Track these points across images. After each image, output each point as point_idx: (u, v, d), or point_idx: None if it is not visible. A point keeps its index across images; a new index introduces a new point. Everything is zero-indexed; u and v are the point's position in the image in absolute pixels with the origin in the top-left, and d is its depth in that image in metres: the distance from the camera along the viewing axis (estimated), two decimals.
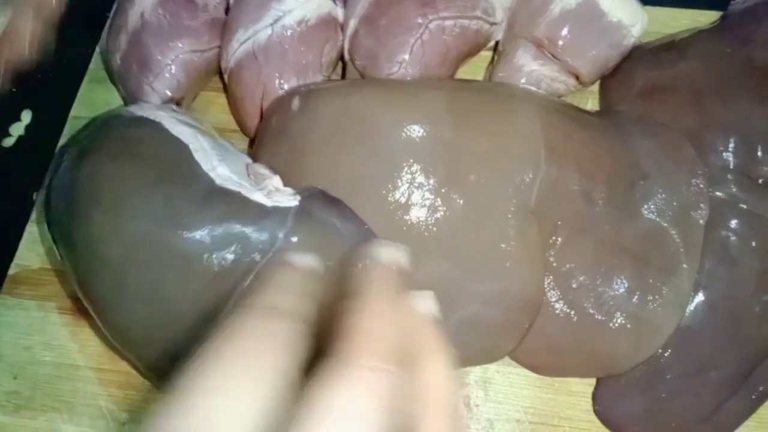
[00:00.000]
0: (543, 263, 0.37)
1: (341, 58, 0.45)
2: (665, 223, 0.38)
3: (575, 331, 0.37)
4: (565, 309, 0.37)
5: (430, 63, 0.42)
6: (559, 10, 0.42)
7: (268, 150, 0.40)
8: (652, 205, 0.38)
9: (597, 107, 0.46)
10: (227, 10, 0.47)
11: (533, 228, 0.37)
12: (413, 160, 0.36)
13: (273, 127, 0.41)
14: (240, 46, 0.43)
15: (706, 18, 0.48)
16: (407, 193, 0.36)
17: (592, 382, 0.39)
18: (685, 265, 0.37)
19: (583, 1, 0.41)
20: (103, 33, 0.49)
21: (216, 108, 0.48)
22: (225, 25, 0.45)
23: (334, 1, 0.44)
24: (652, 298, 0.37)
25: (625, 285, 0.37)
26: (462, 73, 0.46)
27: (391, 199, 0.36)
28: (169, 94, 0.44)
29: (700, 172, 0.39)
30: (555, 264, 0.37)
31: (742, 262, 0.37)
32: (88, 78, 0.51)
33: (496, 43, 0.46)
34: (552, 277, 0.37)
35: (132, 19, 0.45)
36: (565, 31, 0.42)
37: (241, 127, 0.46)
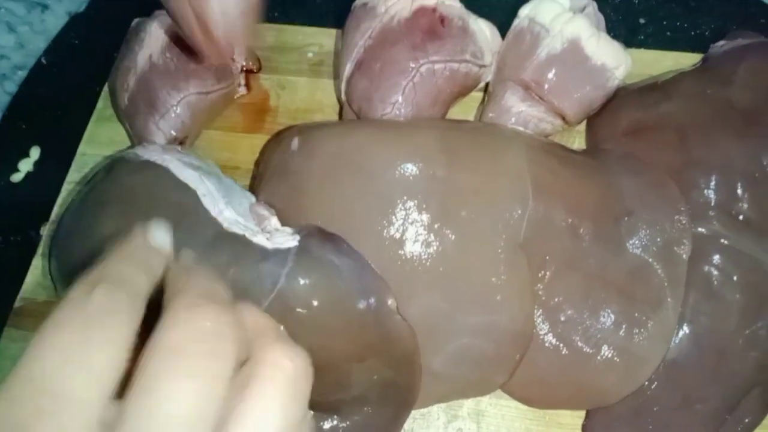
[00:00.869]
0: (532, 297, 0.38)
1: (338, 99, 0.47)
2: (650, 259, 0.39)
3: (564, 363, 0.38)
4: (555, 342, 0.38)
5: (422, 104, 0.44)
6: (545, 54, 0.44)
7: (269, 188, 0.42)
8: (637, 241, 0.40)
9: (584, 146, 0.47)
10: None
11: (522, 262, 0.38)
12: (407, 197, 0.38)
13: (273, 166, 0.42)
14: None
15: (688, 60, 0.50)
16: (401, 228, 0.38)
17: (582, 414, 0.40)
18: (669, 299, 0.38)
19: (568, 46, 0.44)
20: (110, 72, 0.51)
21: (218, 145, 0.50)
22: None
23: None
24: (638, 331, 0.38)
25: (612, 318, 0.38)
26: (454, 113, 0.48)
27: (386, 235, 0.38)
28: (174, 133, 0.46)
29: (683, 208, 0.40)
30: (544, 298, 0.38)
31: (724, 296, 0.38)
32: (95, 116, 0.53)
33: (487, 83, 0.48)
34: (541, 310, 0.38)
35: (140, 61, 0.47)
36: (551, 74, 0.44)
37: None
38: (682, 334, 0.38)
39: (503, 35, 0.47)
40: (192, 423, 0.17)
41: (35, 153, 0.53)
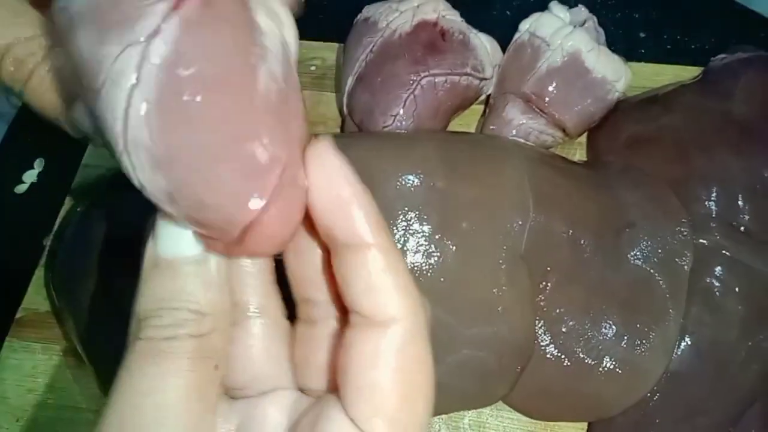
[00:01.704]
0: (534, 308, 0.38)
1: (340, 112, 0.48)
2: (651, 270, 0.39)
3: (566, 375, 0.38)
4: (556, 353, 0.38)
5: (422, 116, 0.44)
6: (546, 67, 0.44)
7: None
8: (639, 253, 0.40)
9: (585, 158, 0.48)
10: None
11: (524, 274, 0.38)
12: (407, 209, 0.38)
13: None
14: None
15: (688, 73, 0.50)
16: (402, 239, 0.38)
17: (584, 426, 0.39)
18: (671, 311, 0.38)
19: (569, 59, 0.44)
20: None
21: None
22: None
23: None
24: (639, 342, 0.37)
25: (614, 330, 0.38)
26: (455, 125, 0.48)
27: None
28: None
29: (684, 220, 0.40)
30: (545, 309, 0.38)
31: (726, 307, 0.38)
32: None
33: (488, 96, 0.48)
34: (543, 321, 0.38)
35: None
36: (551, 87, 0.44)
37: None
38: (683, 345, 0.38)
39: (504, 49, 0.47)
40: None
41: (39, 164, 0.53)
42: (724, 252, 0.39)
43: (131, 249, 0.21)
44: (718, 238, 0.40)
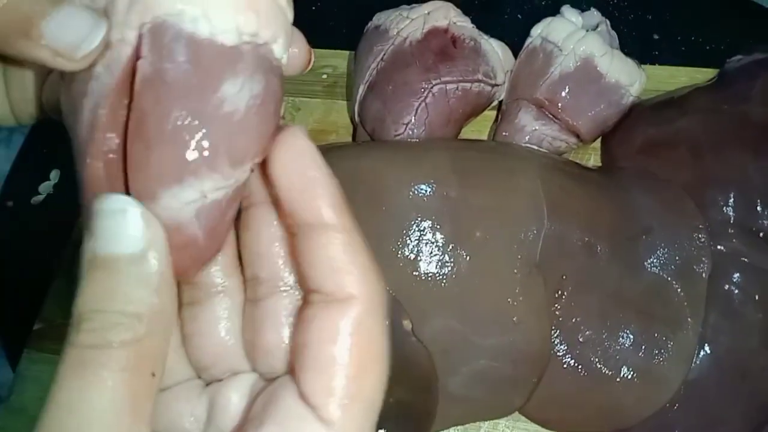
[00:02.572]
0: (549, 317, 0.38)
1: (352, 120, 0.48)
2: (669, 277, 0.39)
3: (583, 385, 0.37)
4: (573, 363, 0.38)
5: (434, 124, 0.44)
6: (558, 72, 0.44)
7: None
8: (655, 260, 0.39)
9: (599, 163, 0.47)
10: None
11: (539, 282, 0.38)
12: (420, 218, 0.38)
13: None
14: None
15: (703, 76, 0.49)
16: (415, 249, 0.38)
17: None
18: (689, 319, 0.38)
19: (582, 64, 0.44)
20: None
21: None
22: None
23: None
24: (658, 351, 0.37)
25: (631, 339, 0.37)
26: (467, 131, 0.48)
27: (400, 256, 0.38)
28: None
29: (701, 226, 0.40)
30: (561, 318, 0.38)
31: (745, 315, 0.37)
32: None
33: (500, 102, 0.48)
34: (559, 331, 0.38)
35: None
36: (564, 92, 0.44)
37: None
38: (702, 354, 0.37)
39: (515, 54, 0.47)
40: None
41: (55, 176, 0.54)
42: (743, 258, 0.39)
43: None
44: (736, 243, 0.39)
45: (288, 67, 0.20)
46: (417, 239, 0.38)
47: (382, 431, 0.36)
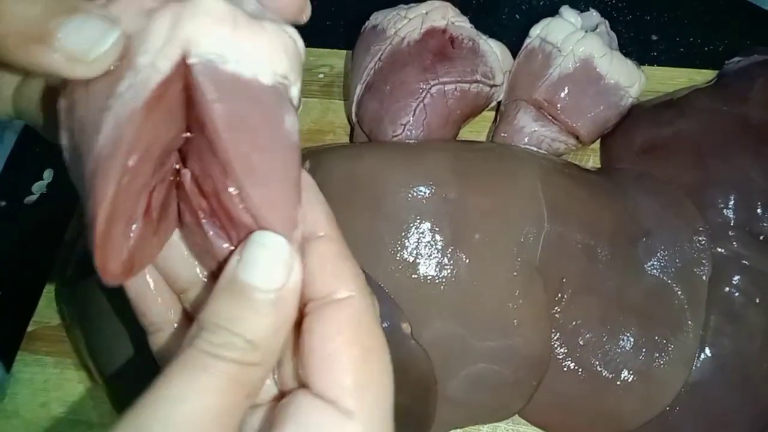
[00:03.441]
0: (549, 320, 0.37)
1: (349, 120, 0.47)
2: (669, 280, 0.38)
3: (583, 388, 0.37)
4: (573, 366, 0.37)
5: (432, 124, 0.43)
6: (557, 73, 0.43)
7: None
8: (656, 262, 0.39)
9: (598, 165, 0.47)
10: None
11: (539, 285, 0.37)
12: (419, 220, 0.38)
13: None
14: None
15: (703, 77, 0.49)
16: (414, 252, 0.37)
17: None
18: (690, 322, 0.37)
19: (581, 65, 0.43)
20: None
21: None
22: None
23: None
24: (658, 354, 0.37)
25: (632, 342, 0.37)
26: (465, 132, 0.48)
27: (399, 258, 0.37)
28: None
29: (701, 228, 0.39)
30: (561, 321, 0.38)
31: (746, 318, 0.37)
32: None
33: (498, 103, 0.48)
34: (559, 334, 0.38)
35: None
36: (563, 93, 0.43)
37: None
38: (703, 357, 0.37)
39: (514, 55, 0.47)
40: None
41: (48, 175, 0.53)
42: (744, 261, 0.38)
43: None
44: (737, 246, 0.39)
45: None
46: (416, 241, 0.37)
47: None
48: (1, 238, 0.52)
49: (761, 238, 0.39)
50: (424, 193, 0.38)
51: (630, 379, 0.37)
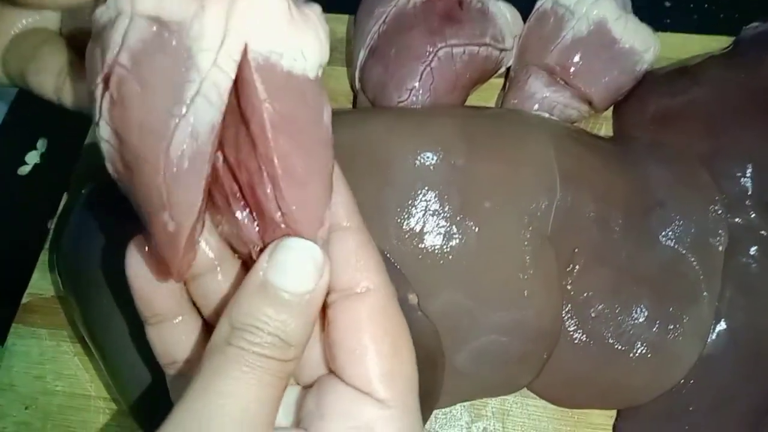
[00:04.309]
0: (560, 292, 0.36)
1: (352, 87, 0.46)
2: (684, 251, 0.37)
3: (594, 361, 0.36)
4: (584, 338, 0.36)
5: (440, 90, 0.42)
6: (570, 37, 0.42)
7: None
8: (670, 233, 0.38)
9: (611, 133, 0.46)
10: None
11: (550, 256, 0.36)
12: (426, 188, 0.36)
13: None
14: None
15: (718, 44, 0.48)
16: (421, 221, 0.36)
17: (613, 413, 0.38)
18: (705, 293, 0.36)
19: (595, 29, 0.42)
20: None
21: None
22: None
23: None
24: (672, 327, 0.36)
25: (645, 314, 0.36)
26: (473, 100, 0.46)
27: (405, 228, 0.36)
28: None
29: (717, 198, 0.38)
30: (573, 292, 0.37)
31: (762, 289, 0.36)
32: None
33: (508, 69, 0.46)
34: (570, 305, 0.37)
35: None
36: (577, 58, 0.42)
37: None
38: (718, 329, 0.36)
39: (525, 18, 0.45)
40: None
41: (42, 145, 0.52)
42: (761, 232, 0.37)
43: (136, 232, 0.21)
44: (754, 217, 0.38)
45: None
46: (423, 210, 0.36)
47: None
48: None
49: None
50: (432, 159, 0.36)
51: (643, 352, 0.36)
